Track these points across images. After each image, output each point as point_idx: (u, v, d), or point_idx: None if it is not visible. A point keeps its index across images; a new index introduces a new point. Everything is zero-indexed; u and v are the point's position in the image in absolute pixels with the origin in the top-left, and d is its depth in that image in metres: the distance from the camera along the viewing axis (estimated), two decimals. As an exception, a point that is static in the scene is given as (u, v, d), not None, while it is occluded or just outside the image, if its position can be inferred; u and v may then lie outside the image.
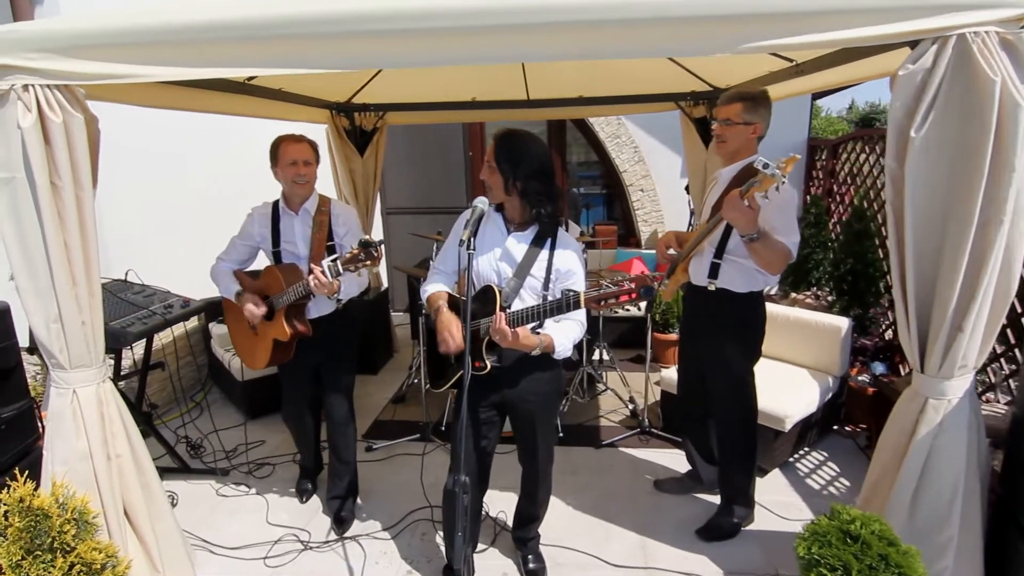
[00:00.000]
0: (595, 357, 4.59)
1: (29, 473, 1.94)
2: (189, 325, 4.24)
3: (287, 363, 2.76)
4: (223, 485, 3.25)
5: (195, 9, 1.76)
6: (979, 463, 1.95)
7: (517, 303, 2.07)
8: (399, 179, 6.47)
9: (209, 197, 4.46)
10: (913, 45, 1.64)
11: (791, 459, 3.30)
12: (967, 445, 1.90)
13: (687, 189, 4.98)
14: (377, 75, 3.81)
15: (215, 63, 1.83)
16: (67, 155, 1.90)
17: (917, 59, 1.58)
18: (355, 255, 2.29)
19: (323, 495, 3.07)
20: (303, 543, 2.75)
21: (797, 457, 3.34)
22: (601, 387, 4.29)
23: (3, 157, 1.88)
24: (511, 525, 2.63)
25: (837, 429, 3.61)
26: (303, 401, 2.93)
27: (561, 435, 3.57)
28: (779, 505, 2.90)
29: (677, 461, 3.28)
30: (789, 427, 3.02)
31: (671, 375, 3.54)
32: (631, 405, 4.01)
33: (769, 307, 2.59)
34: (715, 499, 2.89)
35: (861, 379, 3.63)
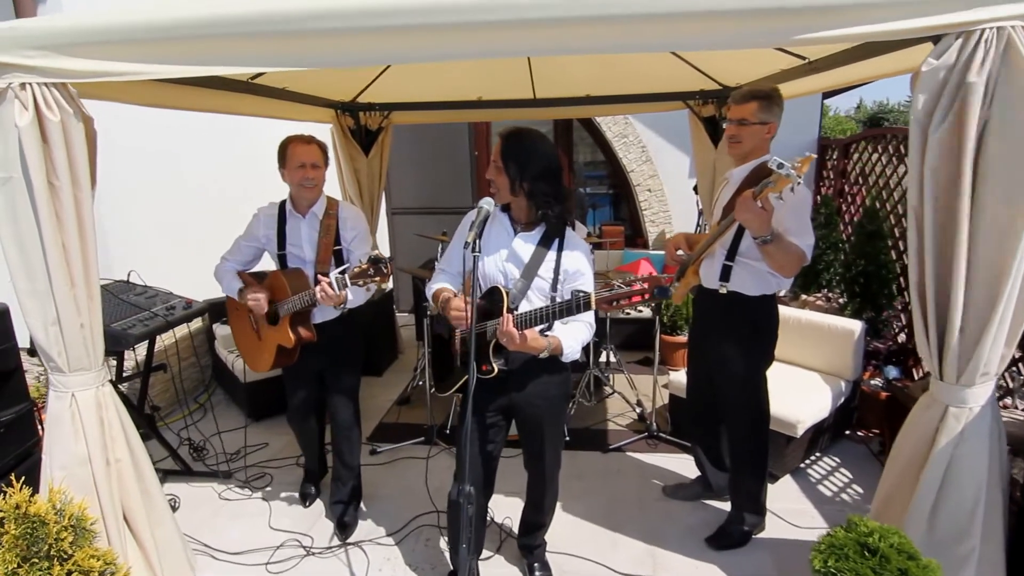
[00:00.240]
0: (602, 359, 4.53)
1: (29, 477, 1.91)
2: (193, 326, 4.22)
3: (291, 367, 2.72)
4: (226, 488, 3.22)
5: (197, 5, 1.72)
6: (1000, 472, 1.89)
7: (524, 305, 2.02)
8: (404, 179, 6.43)
9: (213, 197, 4.43)
10: (935, 40, 1.58)
11: (802, 465, 3.24)
12: (989, 454, 1.84)
13: (695, 189, 4.94)
14: (382, 74, 3.77)
15: (216, 60, 1.79)
16: (65, 154, 1.87)
17: (940, 55, 1.52)
18: (364, 270, 2.23)
19: (326, 499, 3.03)
20: (305, 549, 2.71)
21: (809, 463, 3.27)
22: (608, 390, 4.23)
23: (0, 157, 1.84)
24: (517, 532, 2.58)
25: (849, 434, 3.54)
26: (307, 405, 2.89)
27: (567, 439, 3.52)
28: (791, 512, 2.84)
29: (686, 466, 3.23)
30: (801, 432, 2.96)
31: (679, 378, 3.48)
32: (639, 408, 3.95)
33: (780, 310, 2.53)
34: (725, 506, 2.84)
35: (874, 383, 3.57)
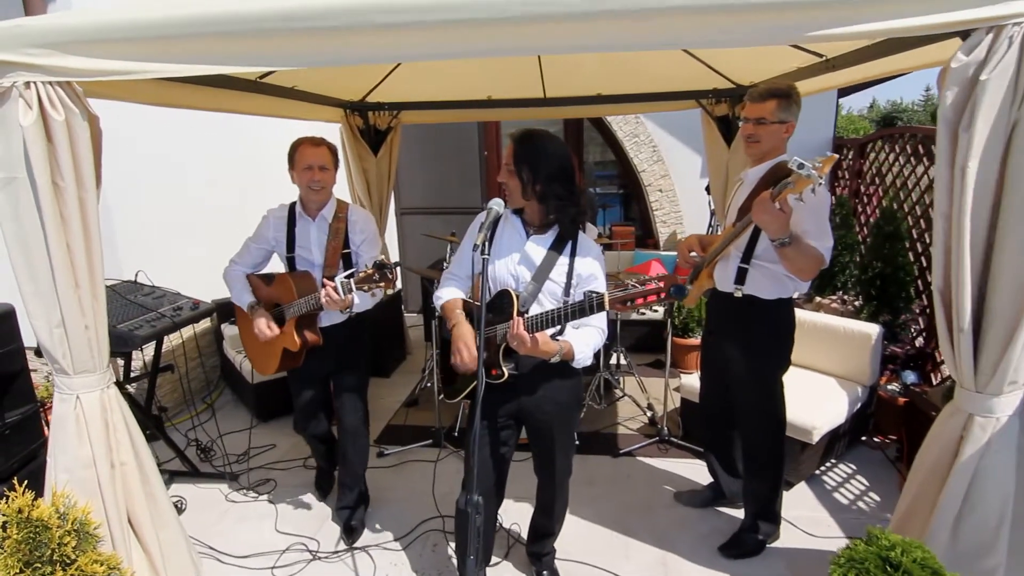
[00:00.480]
0: (612, 362, 4.47)
1: (35, 479, 1.90)
2: (201, 326, 4.21)
3: (296, 370, 2.70)
4: (232, 490, 3.19)
5: (205, 2, 1.69)
6: (1026, 485, 1.82)
7: (535, 309, 1.97)
8: (413, 179, 6.40)
9: (222, 198, 4.42)
10: (963, 36, 1.52)
11: (818, 472, 3.17)
12: (1016, 466, 1.77)
13: (707, 189, 4.87)
14: (391, 73, 3.74)
15: (224, 59, 1.75)
16: (69, 154, 1.85)
17: (971, 51, 1.46)
18: (369, 275, 2.20)
19: (333, 503, 3.00)
20: (312, 553, 2.68)
21: (824, 469, 3.20)
22: (618, 393, 4.18)
23: (4, 156, 1.82)
24: (525, 538, 2.53)
25: (866, 440, 3.46)
26: (313, 408, 2.85)
27: (577, 443, 3.47)
28: (806, 521, 2.77)
29: (698, 472, 3.16)
30: (817, 439, 2.89)
31: (691, 381, 3.42)
32: (649, 412, 3.90)
33: (795, 312, 2.46)
34: (738, 513, 2.78)
35: (891, 388, 3.49)
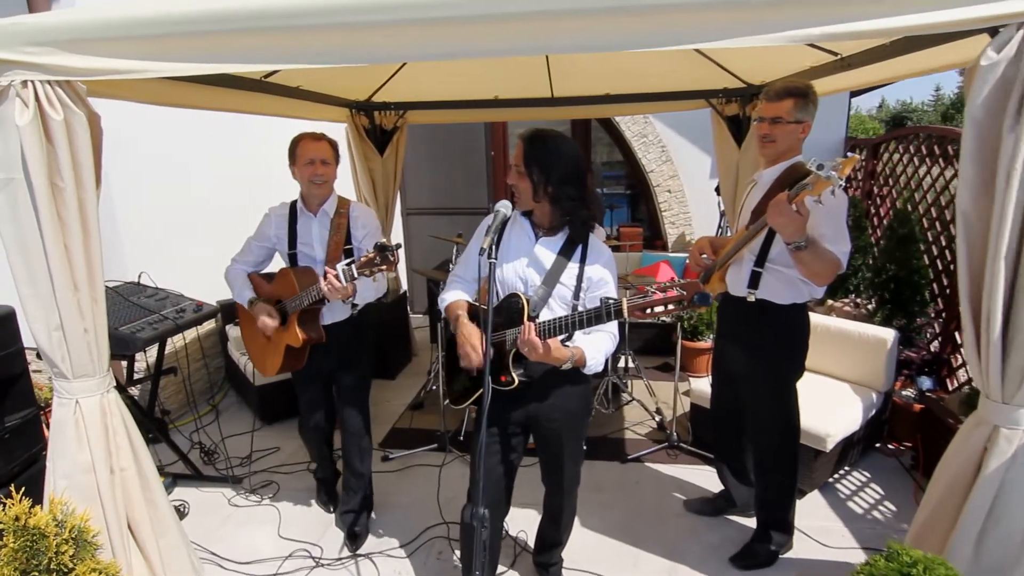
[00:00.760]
0: (620, 365, 4.41)
1: (34, 484, 1.87)
2: (206, 327, 4.18)
3: (300, 371, 2.66)
4: (236, 494, 3.16)
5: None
6: (1054, 499, 1.75)
7: (545, 313, 1.92)
8: (420, 179, 6.36)
9: (228, 198, 4.39)
10: (992, 32, 1.45)
11: (831, 480, 3.10)
12: (1043, 479, 1.70)
13: (717, 190, 4.80)
14: (397, 73, 3.70)
15: (228, 58, 1.71)
16: (68, 155, 1.81)
17: (1001, 47, 1.39)
18: (370, 259, 2.20)
19: (337, 507, 2.96)
20: (315, 559, 2.64)
21: (838, 477, 3.13)
22: (626, 397, 4.11)
23: (1, 157, 1.79)
24: (532, 546, 2.48)
25: (880, 447, 3.39)
26: (318, 410, 2.83)
27: (585, 448, 3.40)
28: (819, 531, 2.70)
29: (708, 479, 3.10)
30: (831, 447, 2.82)
31: (701, 386, 3.36)
32: (658, 417, 3.84)
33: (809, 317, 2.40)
34: (750, 522, 2.71)
35: (906, 394, 3.42)
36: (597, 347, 1.89)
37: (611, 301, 1.74)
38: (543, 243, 1.95)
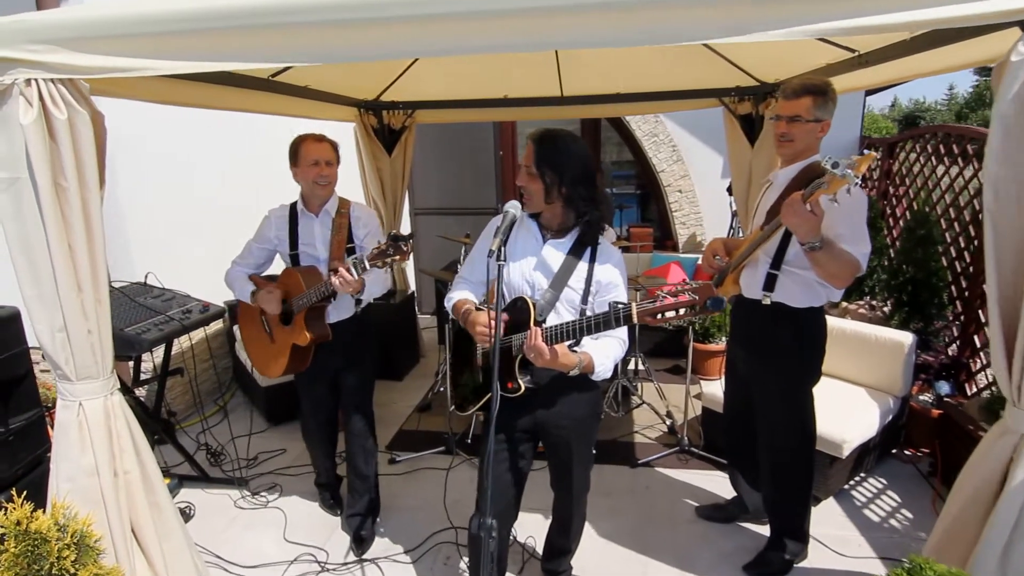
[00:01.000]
0: (630, 367, 4.36)
1: (39, 487, 1.84)
2: (214, 327, 4.17)
3: (304, 372, 2.64)
4: (242, 496, 3.14)
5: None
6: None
7: (552, 317, 1.87)
8: (428, 179, 6.33)
9: (235, 198, 4.37)
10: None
11: (846, 486, 3.03)
12: (1073, 491, 1.63)
13: (729, 190, 4.73)
14: (406, 72, 3.67)
15: (235, 55, 1.67)
16: (72, 154, 1.78)
17: (1035, 41, 1.33)
18: (383, 250, 2.19)
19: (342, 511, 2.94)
20: (320, 564, 2.61)
21: (853, 484, 3.06)
22: (636, 400, 4.05)
23: (6, 156, 1.77)
24: (540, 552, 2.44)
25: (896, 453, 3.31)
26: (322, 412, 2.80)
27: (594, 452, 3.34)
28: (835, 539, 2.64)
29: (720, 485, 3.04)
30: (847, 453, 2.76)
31: (713, 390, 3.30)
32: (669, 421, 3.78)
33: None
34: (763, 530, 2.65)
35: (923, 399, 3.34)
36: (606, 353, 1.83)
37: (620, 306, 1.67)
38: (551, 245, 1.90)
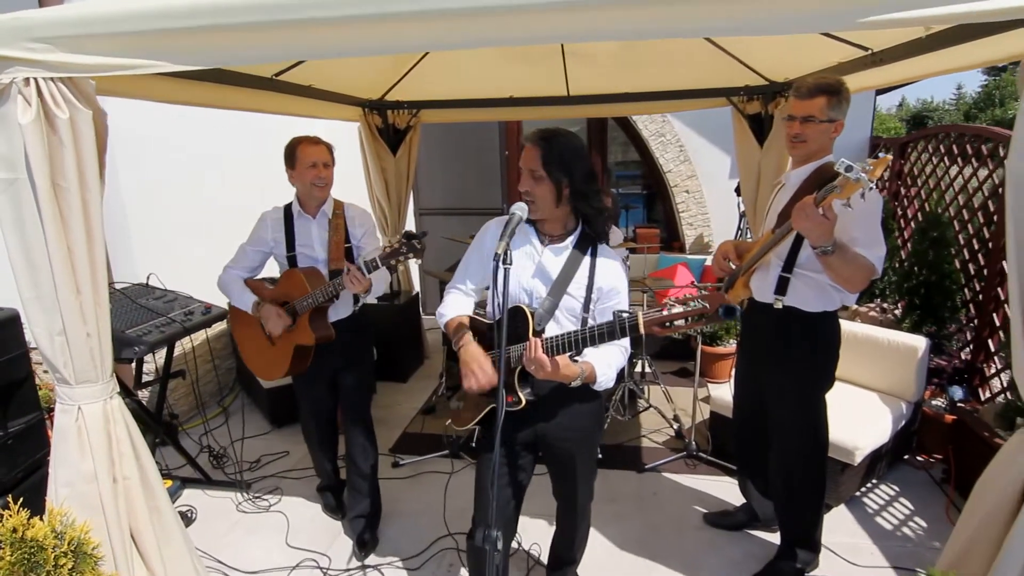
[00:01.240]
0: (636, 370, 4.30)
1: (38, 491, 1.81)
2: (216, 329, 4.14)
3: (304, 373, 2.62)
4: (244, 500, 3.10)
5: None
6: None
7: (552, 327, 1.80)
8: (433, 179, 6.30)
9: (237, 198, 4.33)
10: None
11: (858, 493, 2.97)
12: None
13: (737, 191, 4.68)
14: (411, 71, 3.64)
15: (239, 53, 1.64)
16: (73, 154, 1.75)
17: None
18: (396, 248, 2.24)
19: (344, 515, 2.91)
20: (322, 570, 2.58)
21: (865, 491, 3.00)
22: (643, 404, 4.00)
23: (5, 157, 1.74)
24: (545, 561, 2.39)
25: (908, 459, 3.25)
26: (322, 413, 2.79)
27: (600, 456, 3.30)
28: (846, 548, 2.58)
29: (729, 491, 2.99)
30: (859, 460, 2.70)
31: (721, 393, 3.25)
32: (676, 424, 3.72)
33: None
34: (773, 537, 2.61)
35: (935, 404, 3.28)
36: (608, 361, 1.77)
37: (625, 316, 1.60)
38: (550, 251, 1.82)
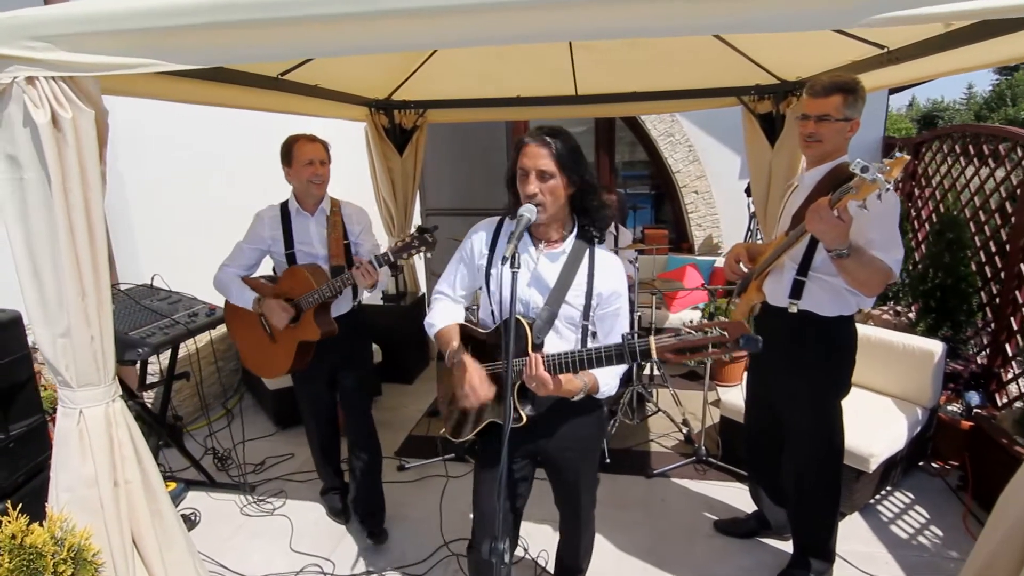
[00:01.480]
0: (645, 373, 4.25)
1: (39, 495, 1.79)
2: (220, 330, 4.11)
3: (304, 371, 2.62)
4: (248, 503, 3.08)
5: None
6: None
7: (552, 337, 1.72)
8: (440, 179, 6.27)
9: (242, 198, 4.29)
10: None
11: (872, 501, 2.91)
12: None
13: (747, 191, 4.62)
14: (417, 71, 3.60)
15: (244, 51, 1.61)
16: (76, 154, 1.72)
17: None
18: (408, 243, 2.32)
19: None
20: (326, 575, 2.55)
21: (879, 498, 2.94)
22: (651, 407, 3.94)
23: (9, 156, 1.71)
24: (552, 569, 2.34)
25: (923, 465, 3.19)
26: (322, 412, 2.79)
27: (608, 460, 3.27)
28: (861, 557, 2.53)
29: (740, 497, 2.94)
30: (874, 467, 2.64)
31: (731, 398, 3.20)
32: (685, 429, 3.67)
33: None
34: (786, 546, 2.55)
35: (951, 409, 3.21)
36: (610, 371, 1.70)
37: (637, 342, 1.51)
38: (545, 257, 1.73)
